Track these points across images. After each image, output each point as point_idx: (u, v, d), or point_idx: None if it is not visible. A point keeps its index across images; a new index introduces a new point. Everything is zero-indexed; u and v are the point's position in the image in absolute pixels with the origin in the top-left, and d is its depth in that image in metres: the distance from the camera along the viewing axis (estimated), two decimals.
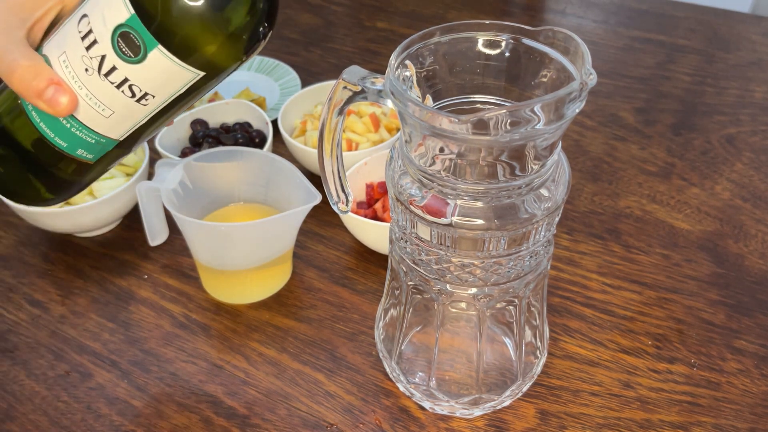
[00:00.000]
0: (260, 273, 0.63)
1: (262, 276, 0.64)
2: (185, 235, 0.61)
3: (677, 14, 1.06)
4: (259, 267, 0.62)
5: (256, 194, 0.67)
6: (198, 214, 0.65)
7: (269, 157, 0.64)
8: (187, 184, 0.62)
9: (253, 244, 0.61)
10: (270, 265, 0.63)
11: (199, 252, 0.62)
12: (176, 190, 0.61)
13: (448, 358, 0.52)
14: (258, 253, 0.61)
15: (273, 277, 0.65)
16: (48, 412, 0.56)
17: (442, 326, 0.50)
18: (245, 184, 0.66)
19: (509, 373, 0.53)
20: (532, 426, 0.54)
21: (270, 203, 0.66)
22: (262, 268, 0.63)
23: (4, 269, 0.68)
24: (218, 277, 0.64)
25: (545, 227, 0.44)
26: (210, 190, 0.65)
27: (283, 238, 0.62)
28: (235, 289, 0.64)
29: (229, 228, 0.59)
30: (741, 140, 0.81)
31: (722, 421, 0.54)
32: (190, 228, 0.59)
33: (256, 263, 0.62)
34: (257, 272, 0.63)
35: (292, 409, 0.55)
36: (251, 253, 0.61)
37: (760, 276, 0.65)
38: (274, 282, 0.65)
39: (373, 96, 0.43)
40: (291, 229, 0.62)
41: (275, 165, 0.63)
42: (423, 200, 0.43)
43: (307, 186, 0.59)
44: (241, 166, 0.65)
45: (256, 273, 0.63)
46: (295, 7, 1.12)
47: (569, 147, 0.80)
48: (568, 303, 0.63)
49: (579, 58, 0.40)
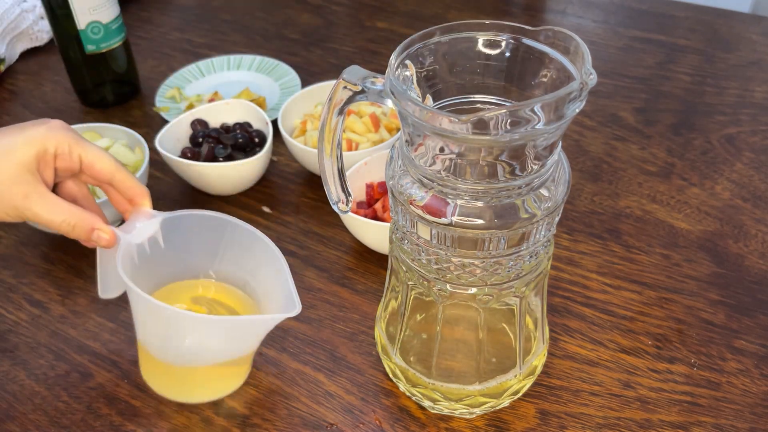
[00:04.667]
0: (210, 372, 0.55)
1: (211, 375, 0.56)
2: (131, 305, 0.53)
3: (677, 14, 1.06)
4: (210, 366, 0.54)
5: (236, 277, 0.58)
6: (159, 280, 0.57)
7: (267, 245, 0.54)
8: (158, 240, 0.55)
9: (207, 342, 0.53)
10: (224, 365, 0.55)
11: (140, 331, 0.54)
12: (142, 246, 0.54)
13: (449, 354, 0.52)
14: (211, 352, 0.53)
15: (224, 379, 0.56)
16: (48, 412, 0.56)
17: (442, 325, 0.50)
18: (227, 261, 0.58)
19: (510, 371, 0.53)
20: (532, 426, 0.54)
21: (247, 291, 0.58)
22: (214, 367, 0.55)
23: (4, 269, 0.68)
24: (157, 367, 0.55)
25: (545, 227, 0.44)
26: (183, 256, 0.57)
27: (244, 341, 0.54)
28: (176, 384, 0.56)
29: (177, 315, 0.49)
30: (741, 140, 0.81)
31: (722, 421, 0.54)
32: (135, 299, 0.51)
33: (206, 362, 0.54)
34: (206, 371, 0.55)
35: (292, 409, 0.55)
36: (202, 350, 0.53)
37: (760, 276, 0.65)
38: (223, 384, 0.56)
39: (373, 96, 0.43)
40: (256, 336, 0.54)
41: (269, 256, 0.54)
42: (423, 200, 0.42)
43: (292, 295, 0.50)
44: (229, 241, 0.56)
45: (204, 371, 0.55)
46: (295, 7, 1.12)
47: (569, 147, 0.80)
48: (568, 303, 0.63)
49: (579, 58, 0.40)
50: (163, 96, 0.90)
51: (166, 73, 0.95)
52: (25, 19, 0.99)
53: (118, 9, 0.85)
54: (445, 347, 0.52)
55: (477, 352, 0.50)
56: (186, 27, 1.08)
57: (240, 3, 1.14)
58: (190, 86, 0.92)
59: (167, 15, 1.12)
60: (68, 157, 0.51)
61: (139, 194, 0.55)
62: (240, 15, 1.11)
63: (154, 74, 0.96)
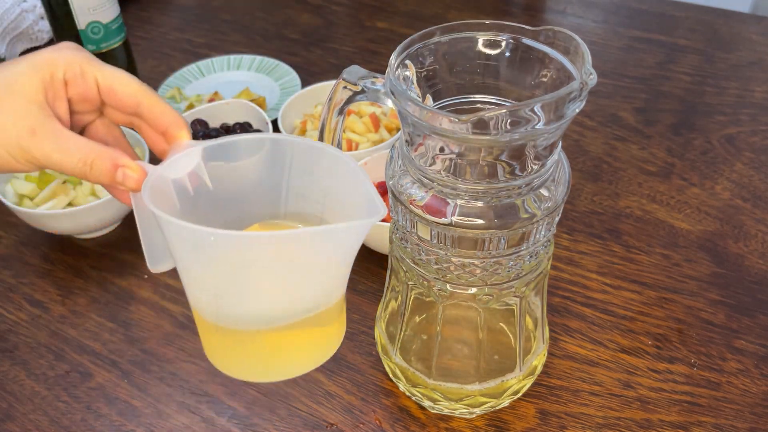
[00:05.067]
0: (292, 337, 0.42)
1: (293, 340, 0.43)
2: (175, 257, 0.41)
3: (677, 14, 1.06)
4: (286, 324, 0.41)
5: (306, 211, 0.45)
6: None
7: (337, 157, 0.42)
8: (203, 179, 0.42)
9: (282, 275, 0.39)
10: (309, 324, 0.42)
11: (193, 293, 0.41)
12: (182, 186, 0.41)
13: (449, 354, 0.52)
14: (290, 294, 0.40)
15: (311, 344, 0.44)
16: (48, 412, 0.56)
17: (442, 325, 0.50)
18: (294, 194, 0.45)
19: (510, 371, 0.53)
20: (532, 426, 0.54)
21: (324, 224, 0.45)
22: (296, 331, 0.41)
23: (4, 269, 0.68)
24: (223, 338, 0.43)
25: (545, 227, 0.44)
26: (239, 197, 0.45)
27: (337, 269, 0.41)
28: (250, 358, 0.44)
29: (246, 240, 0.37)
30: (741, 140, 0.81)
31: (722, 421, 0.54)
32: (179, 238, 0.38)
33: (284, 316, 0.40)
34: (286, 335, 0.42)
35: (292, 409, 0.55)
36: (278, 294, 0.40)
37: (760, 276, 0.65)
38: (310, 351, 0.44)
39: (373, 96, 0.43)
40: (343, 260, 0.40)
41: (341, 170, 0.42)
42: (423, 200, 0.42)
43: (374, 198, 0.39)
44: (292, 168, 0.44)
45: (284, 336, 0.42)
46: (295, 7, 1.12)
47: (569, 147, 0.80)
48: (568, 303, 0.63)
49: (579, 58, 0.40)
50: (163, 96, 0.90)
51: (166, 73, 0.94)
52: (25, 19, 0.99)
53: (118, 9, 0.85)
54: (445, 347, 0.52)
55: (477, 352, 0.50)
56: (186, 27, 1.08)
57: (240, 3, 1.14)
58: (190, 86, 0.92)
59: (167, 15, 1.12)
60: (81, 81, 0.42)
61: (173, 123, 0.43)
62: (240, 15, 1.11)
63: (154, 74, 0.96)
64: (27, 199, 0.68)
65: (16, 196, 0.68)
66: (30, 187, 0.68)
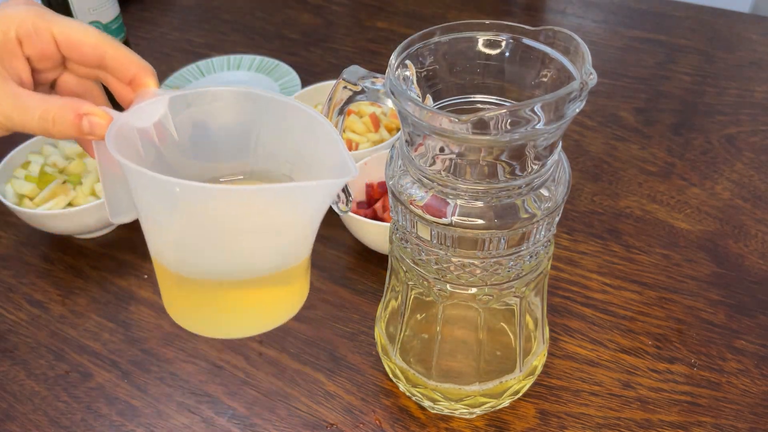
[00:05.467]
0: (252, 293, 0.42)
1: (254, 296, 0.43)
2: (139, 207, 0.39)
3: (677, 14, 1.06)
4: (250, 280, 0.41)
5: (276, 170, 0.44)
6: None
7: (311, 116, 0.41)
8: (169, 129, 0.41)
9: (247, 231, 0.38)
10: (271, 281, 0.41)
11: (154, 241, 0.40)
12: (147, 135, 0.40)
13: (449, 354, 0.52)
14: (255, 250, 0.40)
15: (273, 301, 0.44)
16: (48, 412, 0.56)
17: (442, 326, 0.50)
18: (263, 150, 0.43)
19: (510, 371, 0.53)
20: (532, 426, 0.54)
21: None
22: (256, 282, 0.41)
23: (4, 269, 0.68)
24: (183, 290, 0.42)
25: (545, 227, 0.44)
26: (206, 150, 0.43)
27: (304, 229, 0.40)
28: (211, 313, 0.43)
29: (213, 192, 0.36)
30: (741, 140, 0.81)
31: (722, 421, 0.54)
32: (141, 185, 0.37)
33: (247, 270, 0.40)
34: (247, 293, 0.42)
35: (292, 409, 0.55)
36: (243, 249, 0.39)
37: (760, 276, 0.65)
38: (272, 308, 0.44)
39: (373, 96, 0.43)
40: (309, 218, 0.39)
41: (313, 128, 0.40)
42: (423, 200, 0.42)
43: (346, 159, 0.38)
44: (262, 123, 0.42)
45: (245, 294, 0.42)
46: (295, 7, 1.12)
47: (569, 147, 0.80)
48: (568, 303, 0.63)
49: (579, 58, 0.40)
50: None
51: (166, 73, 0.94)
52: None
53: (118, 9, 0.85)
54: (445, 347, 0.52)
55: (477, 352, 0.50)
56: (186, 27, 1.08)
57: (240, 3, 1.14)
58: (190, 86, 0.92)
59: (167, 15, 1.12)
60: (36, 38, 0.40)
61: (140, 71, 0.41)
62: (240, 15, 1.11)
63: None
64: (27, 199, 0.68)
65: (16, 196, 0.68)
66: (30, 187, 0.68)
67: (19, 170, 0.70)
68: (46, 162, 0.71)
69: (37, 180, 0.68)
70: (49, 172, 0.69)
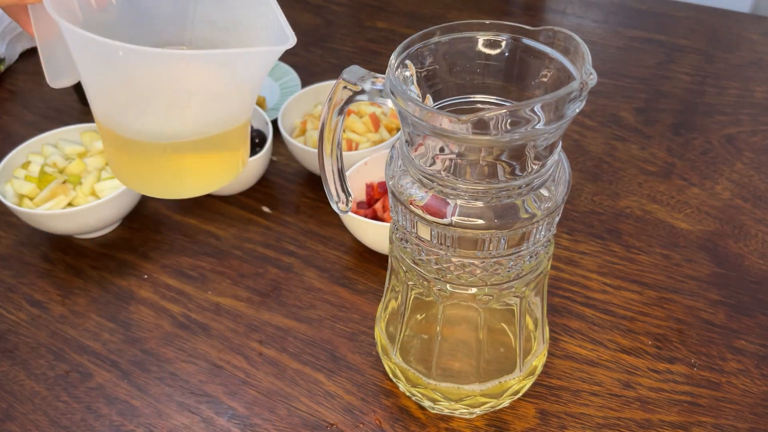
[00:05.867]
0: (195, 158, 0.43)
1: (197, 160, 0.43)
2: (81, 71, 0.40)
3: (677, 14, 1.06)
4: (192, 141, 0.41)
5: (215, 35, 0.45)
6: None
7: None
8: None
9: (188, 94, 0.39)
10: (211, 144, 0.42)
11: (98, 100, 0.41)
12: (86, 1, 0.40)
13: (449, 354, 0.52)
14: (195, 112, 0.41)
15: (214, 165, 0.45)
16: (48, 412, 0.56)
17: (442, 326, 0.50)
18: (200, 21, 0.44)
19: (510, 371, 0.53)
20: (532, 426, 0.54)
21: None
22: (198, 143, 0.42)
23: (4, 269, 0.68)
24: (129, 151, 0.42)
25: (545, 227, 0.44)
26: (144, 19, 0.44)
27: (242, 95, 0.42)
28: (157, 175, 0.44)
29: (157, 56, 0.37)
30: (741, 140, 0.81)
31: (722, 421, 0.54)
32: (86, 53, 0.38)
33: (189, 133, 0.41)
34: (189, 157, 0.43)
35: (292, 409, 0.55)
36: (184, 111, 0.40)
37: (760, 276, 0.65)
38: (213, 172, 0.45)
39: (373, 96, 0.43)
40: (248, 85, 0.41)
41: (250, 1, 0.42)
42: (423, 200, 0.42)
43: (283, 27, 0.40)
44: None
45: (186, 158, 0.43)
46: (295, 7, 1.12)
47: (569, 147, 0.80)
48: (568, 303, 0.63)
49: (579, 58, 0.40)
50: None
51: None
52: None
53: None
54: (445, 347, 0.52)
55: (477, 352, 0.50)
56: None
57: None
58: None
59: None
60: None
61: None
62: None
63: None
64: (27, 199, 0.68)
65: (16, 196, 0.68)
66: (30, 187, 0.68)
67: (19, 170, 0.70)
68: (46, 162, 0.71)
69: (37, 180, 0.68)
70: (49, 172, 0.69)
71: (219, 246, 0.70)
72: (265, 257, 0.68)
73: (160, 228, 0.72)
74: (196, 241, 0.70)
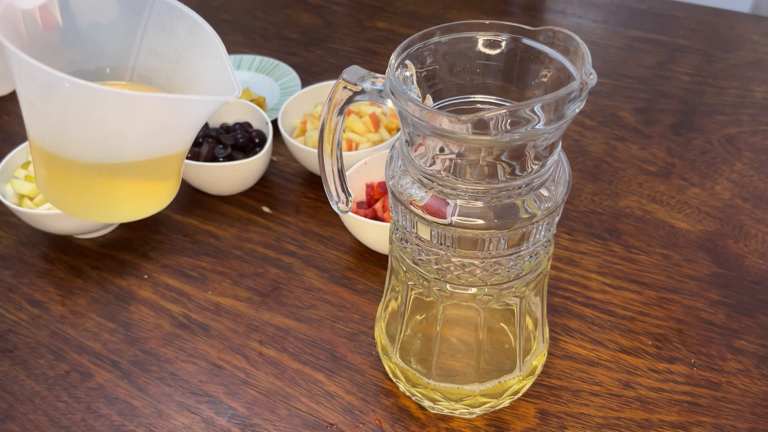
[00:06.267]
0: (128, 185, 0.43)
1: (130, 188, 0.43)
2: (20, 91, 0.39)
3: (677, 14, 1.06)
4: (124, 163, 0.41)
5: (157, 74, 0.45)
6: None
7: (196, 22, 0.43)
8: (54, 15, 0.40)
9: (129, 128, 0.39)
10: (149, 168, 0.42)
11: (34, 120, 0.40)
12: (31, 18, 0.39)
13: (449, 354, 0.52)
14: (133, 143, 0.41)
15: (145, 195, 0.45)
16: (48, 412, 0.56)
17: (442, 326, 0.50)
18: (146, 51, 0.44)
19: (510, 371, 0.53)
20: (532, 426, 0.54)
21: (172, 91, 0.45)
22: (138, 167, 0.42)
23: (4, 269, 0.68)
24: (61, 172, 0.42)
25: (545, 227, 0.44)
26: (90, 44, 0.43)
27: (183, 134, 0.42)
28: (86, 198, 0.43)
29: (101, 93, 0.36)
30: (741, 140, 0.81)
31: (722, 421, 0.54)
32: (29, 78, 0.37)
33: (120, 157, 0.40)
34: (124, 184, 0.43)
35: (292, 409, 0.55)
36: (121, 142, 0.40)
37: (760, 276, 0.65)
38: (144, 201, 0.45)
39: (373, 96, 0.43)
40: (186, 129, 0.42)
41: (198, 37, 0.42)
42: (423, 200, 0.43)
43: (230, 78, 0.40)
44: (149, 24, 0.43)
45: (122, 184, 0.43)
46: (295, 7, 1.12)
47: (569, 147, 0.80)
48: (568, 303, 0.63)
49: (579, 58, 0.40)
50: None
51: None
52: None
53: None
54: (445, 347, 0.52)
55: (477, 352, 0.50)
56: None
57: (240, 3, 1.14)
58: None
59: None
60: None
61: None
62: (240, 15, 1.11)
63: None
64: (27, 199, 0.68)
65: (16, 196, 0.68)
66: (30, 187, 0.68)
67: (19, 170, 0.70)
68: None
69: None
70: None
71: (219, 246, 0.70)
72: (265, 257, 0.68)
73: (160, 228, 0.72)
74: (196, 241, 0.70)
